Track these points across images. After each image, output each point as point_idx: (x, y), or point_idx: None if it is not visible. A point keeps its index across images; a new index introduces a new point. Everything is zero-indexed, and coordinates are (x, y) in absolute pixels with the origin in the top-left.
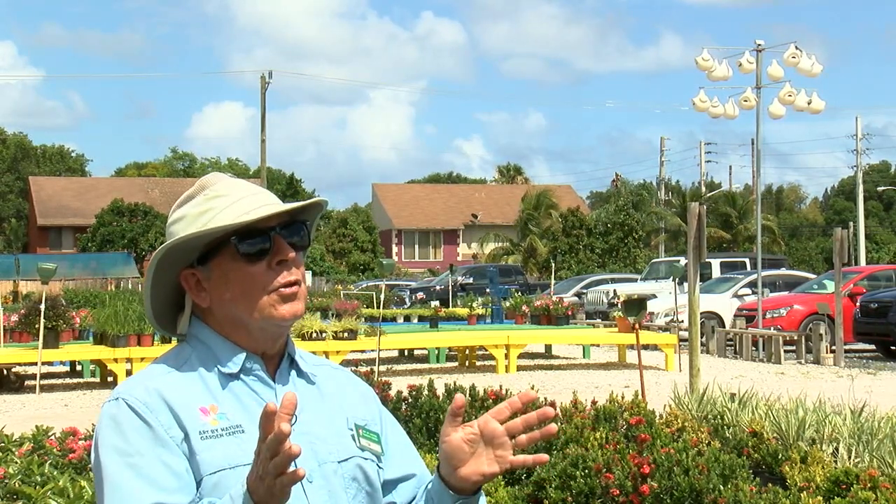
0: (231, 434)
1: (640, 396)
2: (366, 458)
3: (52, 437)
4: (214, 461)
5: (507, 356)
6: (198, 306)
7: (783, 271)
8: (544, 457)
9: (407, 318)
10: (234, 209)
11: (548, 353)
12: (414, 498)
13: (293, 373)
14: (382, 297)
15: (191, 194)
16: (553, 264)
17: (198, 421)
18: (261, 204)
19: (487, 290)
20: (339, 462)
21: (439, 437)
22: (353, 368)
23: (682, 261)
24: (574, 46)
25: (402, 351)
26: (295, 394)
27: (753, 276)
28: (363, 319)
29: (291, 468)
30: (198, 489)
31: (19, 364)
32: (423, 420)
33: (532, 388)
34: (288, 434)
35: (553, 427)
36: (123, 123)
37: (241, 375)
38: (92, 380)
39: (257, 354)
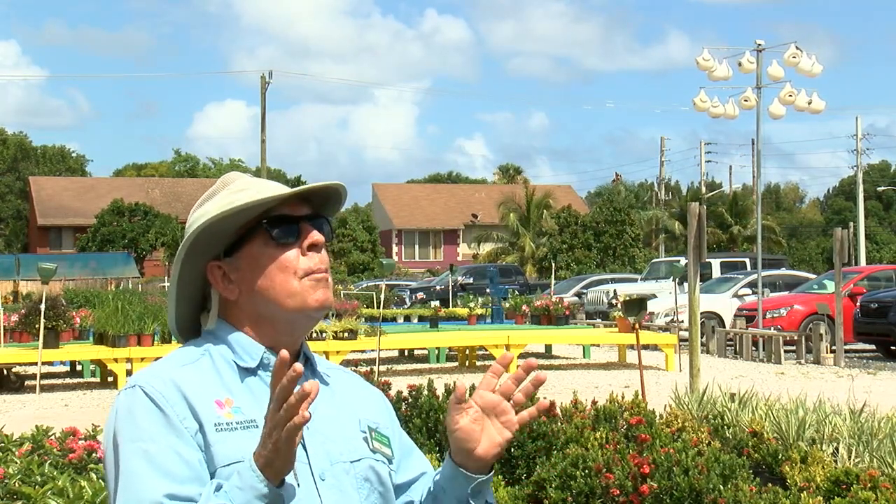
0: (245, 428)
1: (640, 396)
2: (377, 460)
3: (52, 437)
4: (228, 453)
5: None
6: (223, 302)
7: (783, 271)
8: (544, 402)
9: (407, 318)
10: (260, 198)
11: (548, 353)
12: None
13: (307, 372)
14: (382, 297)
15: (213, 191)
16: (553, 264)
17: (213, 413)
18: (284, 192)
19: (487, 290)
20: (350, 462)
21: (447, 427)
22: (353, 368)
23: (683, 261)
24: (580, 45)
25: (402, 351)
26: (317, 382)
27: (753, 276)
28: (363, 319)
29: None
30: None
31: (19, 364)
32: (423, 420)
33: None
34: (300, 374)
35: (542, 374)
36: (125, 123)
37: (259, 372)
38: (92, 380)
39: (276, 352)
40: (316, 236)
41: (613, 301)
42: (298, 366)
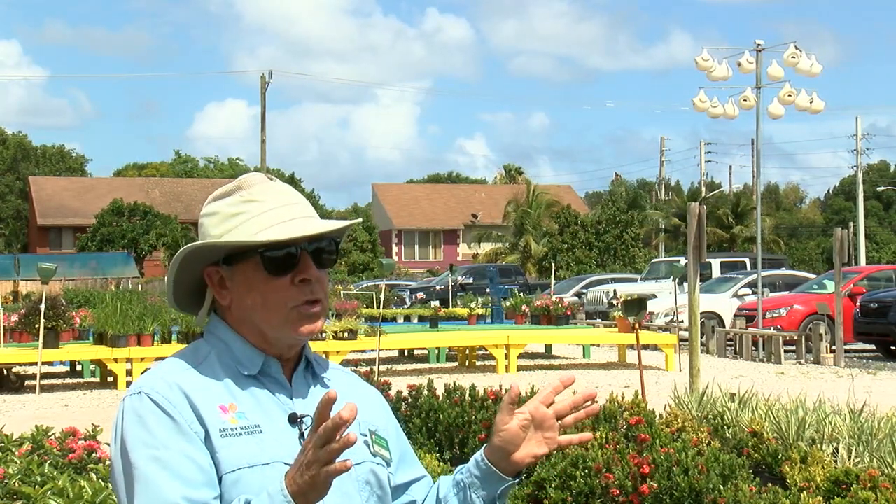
0: (249, 433)
1: (640, 396)
2: (377, 463)
3: (52, 437)
4: (233, 460)
5: (507, 356)
6: (218, 303)
7: (783, 271)
8: (588, 435)
9: (407, 318)
10: (265, 219)
11: (548, 353)
12: (427, 496)
13: (309, 376)
14: (382, 297)
15: (227, 191)
16: (553, 264)
17: (217, 418)
18: (293, 217)
19: (487, 290)
20: (353, 465)
21: (494, 425)
22: (353, 368)
23: (683, 261)
24: (581, 44)
25: (402, 351)
26: (356, 405)
27: (753, 276)
28: (363, 319)
29: (340, 459)
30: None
31: (19, 364)
32: (422, 420)
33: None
34: (348, 422)
35: (596, 406)
36: (126, 123)
37: (260, 377)
38: (92, 380)
39: (274, 357)
40: (309, 271)
41: (613, 301)
42: (345, 413)
